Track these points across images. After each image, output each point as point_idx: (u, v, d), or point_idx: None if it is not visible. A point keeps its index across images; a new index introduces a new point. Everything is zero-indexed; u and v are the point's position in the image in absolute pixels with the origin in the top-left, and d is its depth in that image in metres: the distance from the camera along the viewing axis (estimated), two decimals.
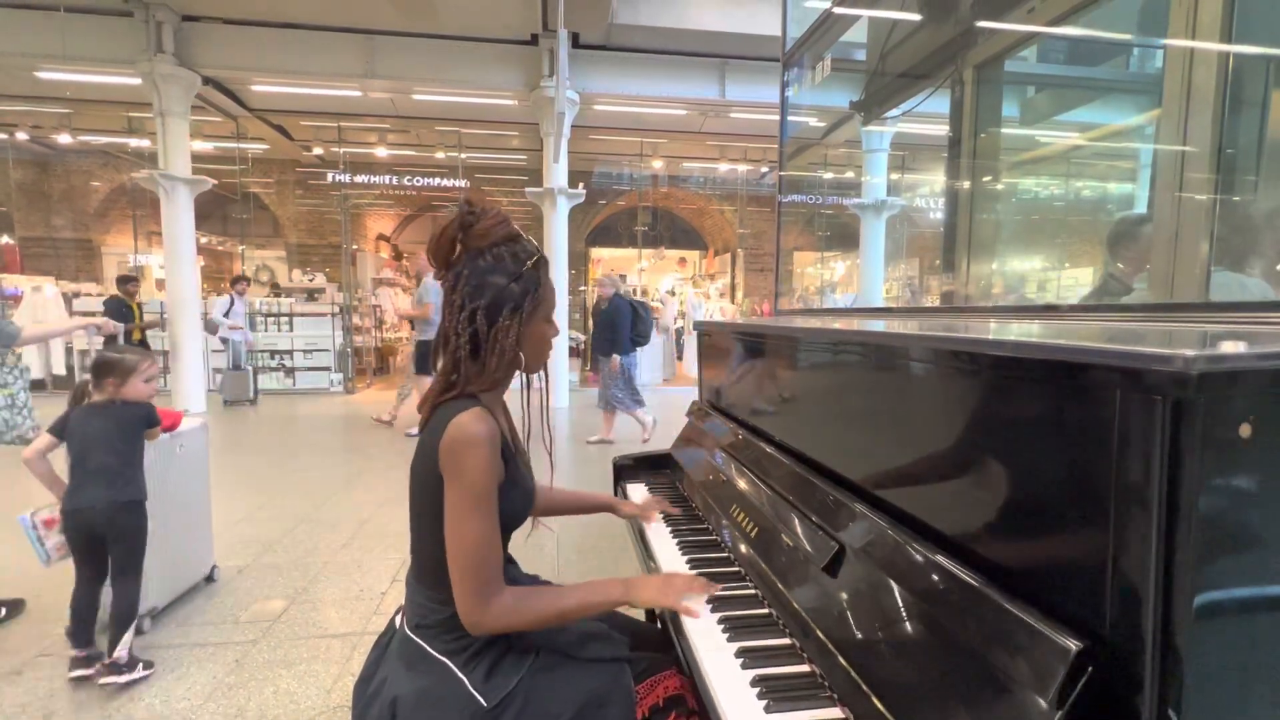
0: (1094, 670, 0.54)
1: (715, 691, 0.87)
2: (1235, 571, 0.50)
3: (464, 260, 1.03)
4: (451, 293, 1.03)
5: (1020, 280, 3.60)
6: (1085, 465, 0.57)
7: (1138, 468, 0.51)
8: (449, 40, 7.67)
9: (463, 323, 1.01)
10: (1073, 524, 0.59)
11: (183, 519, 2.61)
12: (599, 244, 15.39)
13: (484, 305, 1.01)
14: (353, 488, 4.43)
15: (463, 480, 0.95)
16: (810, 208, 12.14)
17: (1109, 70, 2.62)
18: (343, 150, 11.05)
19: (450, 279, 1.04)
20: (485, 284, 1.01)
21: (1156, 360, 0.48)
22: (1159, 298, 1.48)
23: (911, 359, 0.90)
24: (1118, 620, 0.53)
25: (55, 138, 10.37)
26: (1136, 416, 0.51)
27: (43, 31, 6.81)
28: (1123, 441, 0.52)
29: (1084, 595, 0.57)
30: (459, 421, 0.96)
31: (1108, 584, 0.54)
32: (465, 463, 0.95)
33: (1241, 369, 0.48)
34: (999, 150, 2.30)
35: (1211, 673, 0.49)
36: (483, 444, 0.95)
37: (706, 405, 1.98)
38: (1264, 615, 0.51)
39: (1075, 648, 0.55)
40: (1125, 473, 0.52)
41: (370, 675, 1.07)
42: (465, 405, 0.98)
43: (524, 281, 1.03)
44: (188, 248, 7.71)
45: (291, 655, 2.26)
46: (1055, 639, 0.57)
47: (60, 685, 2.05)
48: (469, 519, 0.95)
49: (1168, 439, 0.48)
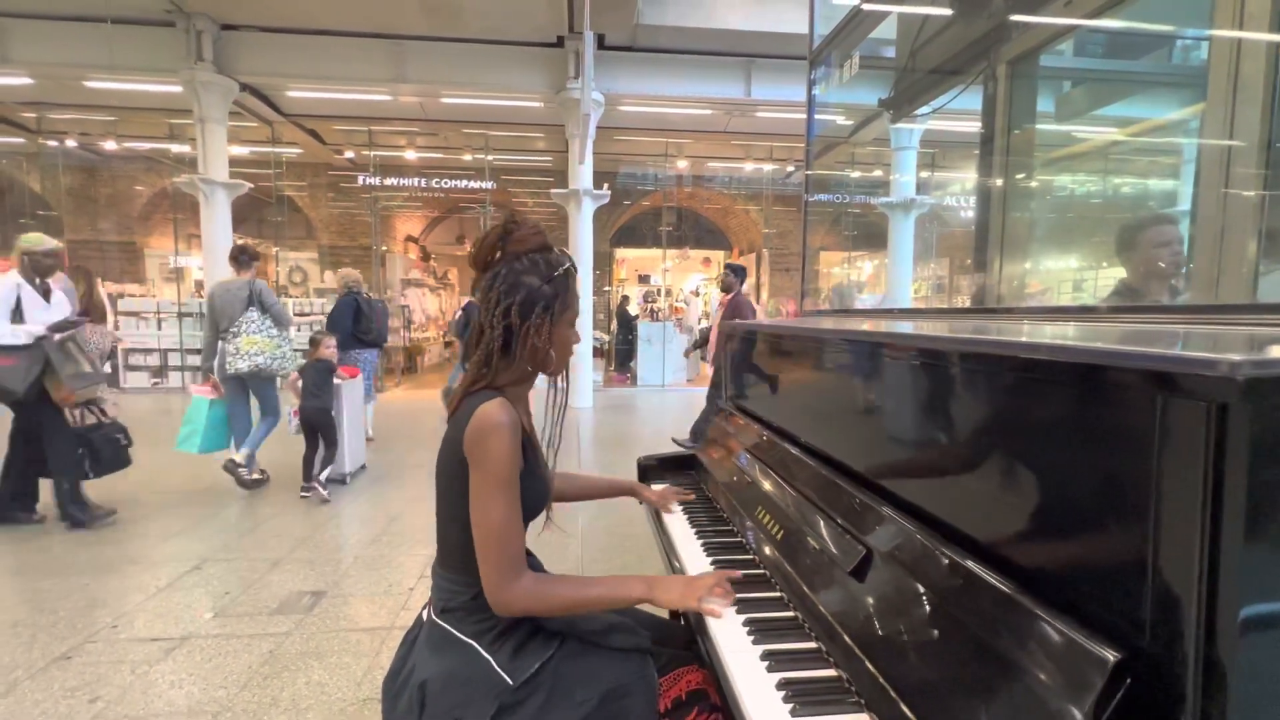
0: (1133, 682, 0.53)
1: (740, 693, 0.87)
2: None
3: (501, 263, 1.10)
4: (488, 291, 1.09)
5: (1055, 280, 3.50)
6: (1125, 472, 0.55)
7: (1181, 475, 0.49)
8: (476, 44, 7.77)
9: (497, 317, 1.07)
10: (1111, 532, 0.57)
11: (346, 425, 4.54)
12: (623, 244, 15.42)
13: (518, 302, 1.07)
14: (382, 485, 4.52)
15: (486, 465, 1.00)
16: (837, 207, 11.98)
17: (1149, 64, 2.53)
18: (373, 153, 11.28)
19: (487, 279, 1.10)
20: (520, 283, 1.08)
21: (1201, 365, 0.47)
22: (1204, 299, 1.43)
23: (937, 361, 0.89)
24: (1158, 631, 0.52)
25: (102, 144, 10.80)
26: (1179, 422, 0.49)
27: (92, 43, 7.09)
28: (1164, 448, 0.51)
29: (1123, 605, 0.56)
30: (483, 409, 1.01)
31: (1148, 594, 0.53)
32: (489, 448, 1.00)
33: None
34: (1033, 147, 2.25)
35: (1258, 687, 0.48)
36: (505, 430, 1.00)
37: (731, 406, 1.98)
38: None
39: (1113, 658, 0.53)
40: (1167, 480, 0.51)
41: (399, 669, 1.09)
42: (489, 396, 1.05)
43: (555, 285, 1.10)
44: (225, 249, 7.94)
45: (323, 647, 2.31)
46: (1092, 649, 0.55)
47: (109, 670, 2.14)
48: (493, 501, 1.00)
49: (1212, 446, 0.47)
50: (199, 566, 3.01)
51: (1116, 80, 2.53)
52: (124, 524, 3.60)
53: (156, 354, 9.54)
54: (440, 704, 0.99)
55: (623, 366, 11.56)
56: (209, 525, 3.61)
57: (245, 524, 3.66)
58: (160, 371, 9.64)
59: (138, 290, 10.59)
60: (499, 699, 0.98)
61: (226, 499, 4.13)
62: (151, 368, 9.53)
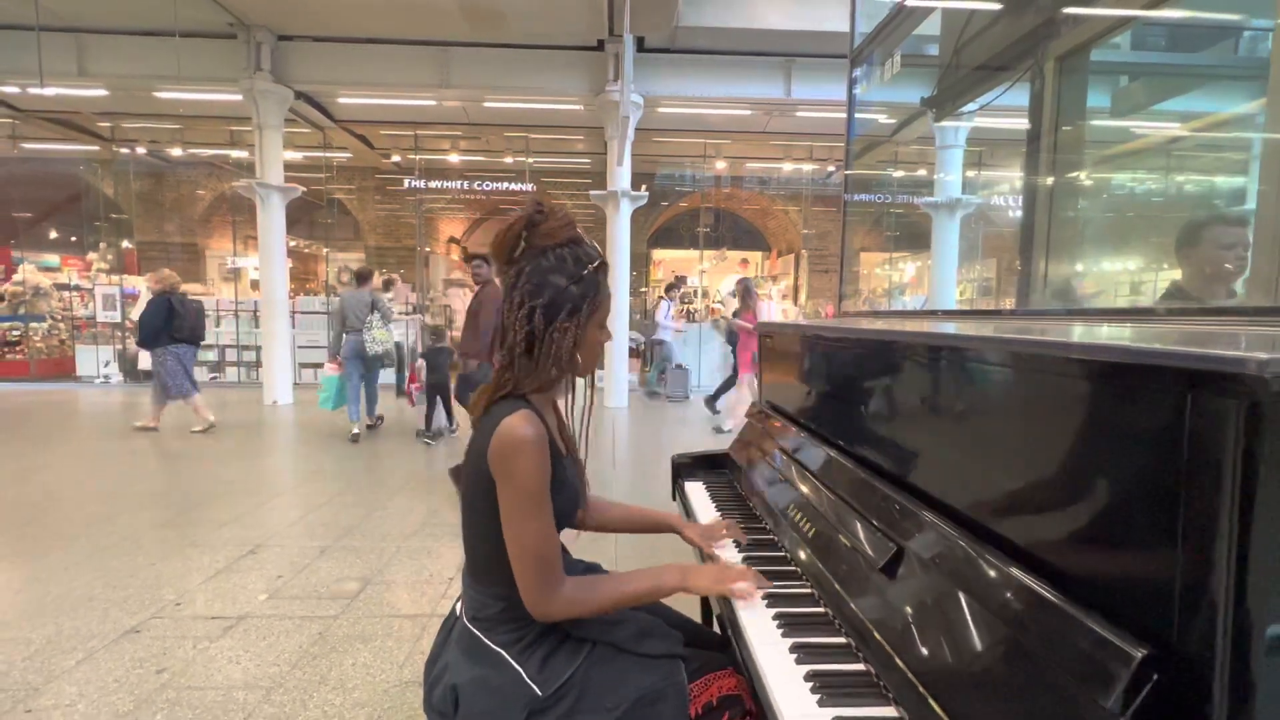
0: (1160, 678, 0.53)
1: (768, 682, 0.89)
2: None
3: (526, 257, 1.04)
4: (511, 289, 1.04)
5: (1110, 283, 3.37)
6: (1157, 471, 0.56)
7: (1210, 473, 0.50)
8: (518, 49, 7.93)
9: (521, 319, 1.02)
10: (1143, 530, 0.58)
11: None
12: (660, 246, 15.46)
13: (543, 304, 1.02)
14: (424, 480, 4.66)
15: (514, 483, 0.97)
16: (879, 207, 11.75)
17: (1212, 56, 2.43)
18: (418, 157, 11.61)
19: (511, 275, 1.05)
20: (546, 283, 1.02)
21: (1230, 363, 0.47)
22: (1263, 301, 1.37)
23: (967, 360, 0.89)
24: (1186, 627, 0.52)
25: (169, 151, 11.42)
26: (1209, 421, 0.50)
27: (161, 56, 7.52)
28: (1194, 446, 0.51)
29: (1153, 602, 0.56)
30: (507, 424, 0.97)
31: (1176, 590, 0.53)
32: (515, 466, 0.96)
33: None
34: (1083, 144, 2.18)
35: None
36: (530, 447, 0.96)
37: (766, 406, 1.99)
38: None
39: (1140, 654, 0.54)
40: (1196, 478, 0.51)
41: (437, 656, 1.12)
42: (514, 407, 0.99)
43: (584, 285, 1.04)
44: (279, 250, 8.31)
45: (368, 631, 2.41)
46: (1120, 645, 0.56)
47: (173, 644, 2.29)
48: (526, 520, 0.98)
49: (1241, 444, 0.47)
50: (254, 551, 3.17)
51: (1175, 74, 2.44)
52: (190, 508, 3.82)
53: (215, 349, 10.05)
54: (472, 709, 1.00)
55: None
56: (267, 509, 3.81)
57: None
58: (218, 367, 10.14)
59: (199, 290, 11.16)
60: (528, 707, 0.97)
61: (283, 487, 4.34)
62: (209, 363, 10.03)
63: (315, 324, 10.26)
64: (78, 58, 7.72)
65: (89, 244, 12.78)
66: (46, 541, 3.27)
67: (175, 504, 3.91)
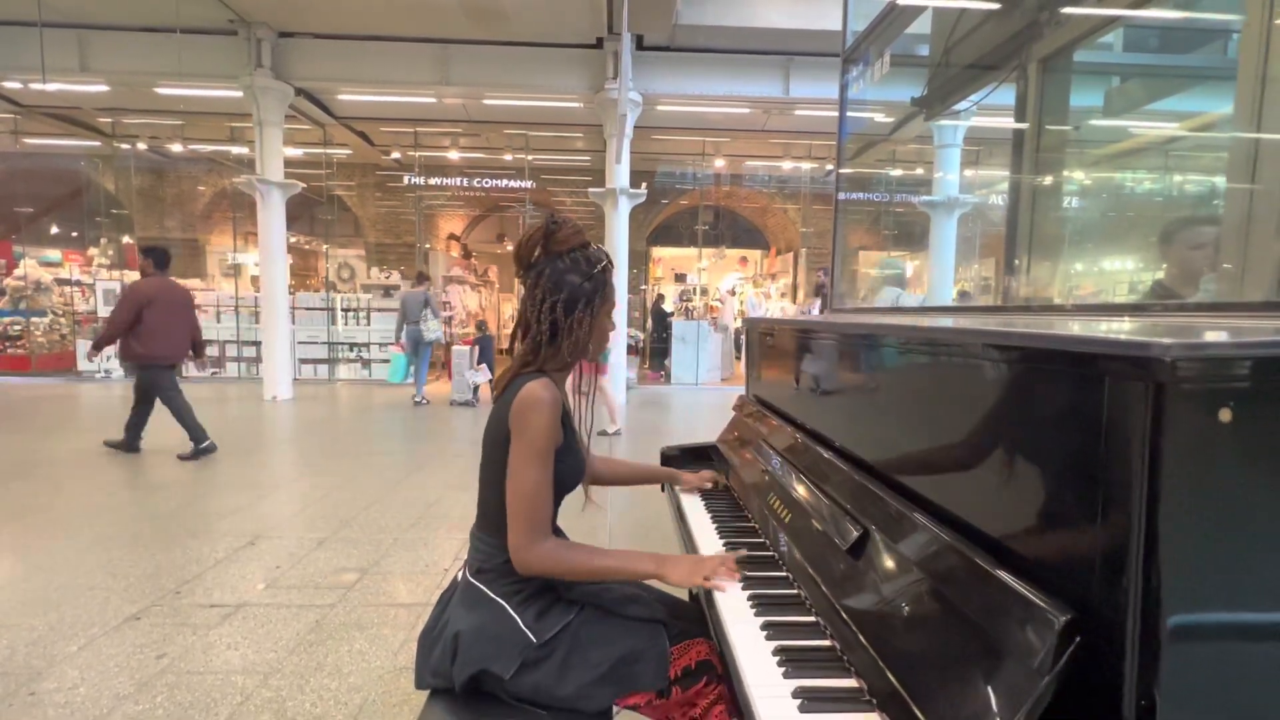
0: (1083, 639, 0.58)
1: (739, 656, 0.93)
2: (1213, 545, 0.52)
3: (544, 261, 1.19)
4: (533, 288, 1.19)
5: (1091, 280, 3.41)
6: (1080, 450, 0.60)
7: (1123, 450, 0.54)
8: (518, 47, 7.95)
9: (544, 313, 1.18)
10: (1069, 504, 0.62)
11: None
12: (660, 243, 15.49)
13: (562, 299, 1.18)
14: (422, 472, 4.71)
15: (526, 435, 1.10)
16: (876, 205, 11.78)
17: (1201, 58, 2.46)
18: (418, 154, 11.64)
19: (531, 277, 1.20)
20: (563, 282, 1.18)
21: (1138, 348, 0.51)
22: (1232, 297, 1.41)
23: (917, 351, 0.96)
24: (1105, 593, 0.57)
25: (169, 147, 11.45)
26: (1122, 402, 0.54)
27: (162, 52, 7.55)
28: (1111, 426, 0.55)
29: (1078, 570, 0.60)
30: (529, 387, 1.12)
31: (1097, 560, 0.58)
32: (530, 420, 1.10)
33: (1220, 356, 0.50)
34: (1066, 145, 2.22)
35: (1189, 640, 0.52)
36: (546, 405, 1.10)
37: (752, 398, 2.03)
38: (1239, 584, 0.53)
39: (1064, 619, 0.58)
40: (1112, 455, 0.55)
41: (434, 624, 1.20)
42: (535, 377, 1.15)
43: (594, 281, 1.20)
44: (280, 247, 8.35)
45: (364, 619, 2.46)
46: (1047, 610, 0.60)
47: (174, 631, 2.34)
48: (527, 468, 1.10)
49: (1149, 422, 0.51)
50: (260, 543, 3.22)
51: (1158, 76, 2.47)
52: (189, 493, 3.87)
53: (215, 345, 10.09)
54: (471, 654, 1.10)
55: (657, 364, 11.64)
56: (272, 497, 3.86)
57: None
58: (219, 362, 10.19)
59: (200, 285, 11.20)
60: (523, 654, 1.09)
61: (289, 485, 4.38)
62: (211, 358, 10.08)
63: (316, 320, 10.32)
64: (79, 53, 7.76)
65: (90, 239, 12.82)
66: (49, 532, 3.32)
67: (175, 496, 3.96)
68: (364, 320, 10.43)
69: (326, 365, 10.38)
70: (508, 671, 1.08)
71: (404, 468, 4.82)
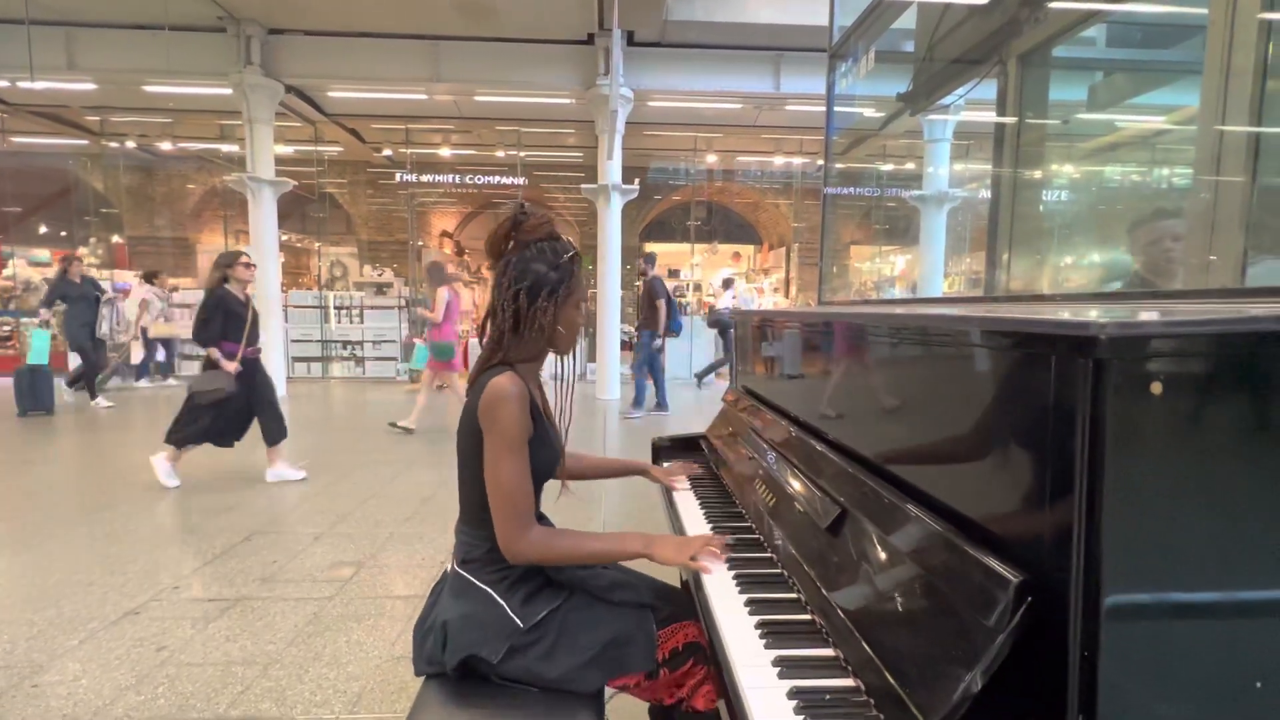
0: (1034, 600, 0.62)
1: (723, 629, 0.98)
2: (1147, 509, 0.57)
3: (512, 251, 1.21)
4: (501, 277, 1.20)
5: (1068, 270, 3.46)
6: (1031, 424, 0.65)
7: (1066, 422, 0.58)
8: (509, 43, 7.95)
9: (507, 300, 1.18)
10: (1023, 474, 0.67)
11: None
12: (653, 239, 15.49)
13: (526, 287, 1.18)
14: (416, 468, 4.74)
15: (497, 429, 1.12)
16: (867, 200, 11.84)
17: (1183, 53, 2.52)
18: (410, 151, 11.61)
19: (501, 266, 1.21)
20: (528, 270, 1.18)
21: (1078, 328, 0.56)
22: (1198, 284, 1.47)
23: (886, 337, 1.02)
24: (1053, 556, 0.61)
25: (158, 145, 11.38)
26: (1065, 378, 0.58)
27: (150, 50, 7.51)
28: (1057, 401, 0.60)
29: (1031, 536, 0.65)
30: (494, 382, 1.13)
31: (1045, 526, 0.62)
32: (499, 415, 1.12)
33: (1150, 334, 0.55)
34: (1045, 139, 2.27)
35: (1128, 596, 0.57)
36: (513, 399, 1.12)
37: (740, 389, 2.08)
38: (1171, 543, 0.58)
39: (1016, 580, 0.63)
40: (1058, 428, 0.60)
41: (426, 615, 1.24)
42: (501, 371, 1.16)
43: (560, 271, 1.20)
44: (271, 244, 8.33)
45: (361, 611, 2.50)
46: (1001, 573, 0.65)
47: (172, 625, 2.37)
48: (504, 461, 1.12)
49: (1089, 396, 0.56)
50: (249, 538, 3.25)
51: (1136, 70, 2.53)
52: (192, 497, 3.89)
53: None
54: (460, 641, 1.13)
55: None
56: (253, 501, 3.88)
57: None
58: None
59: (191, 284, 11.15)
60: (510, 639, 1.12)
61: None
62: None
63: (308, 318, 10.30)
64: (67, 51, 7.70)
65: (79, 238, 12.73)
66: (46, 529, 3.33)
67: (172, 493, 3.97)
68: (357, 319, 10.42)
69: (320, 363, 10.37)
70: (496, 655, 1.11)
71: (399, 464, 4.85)
